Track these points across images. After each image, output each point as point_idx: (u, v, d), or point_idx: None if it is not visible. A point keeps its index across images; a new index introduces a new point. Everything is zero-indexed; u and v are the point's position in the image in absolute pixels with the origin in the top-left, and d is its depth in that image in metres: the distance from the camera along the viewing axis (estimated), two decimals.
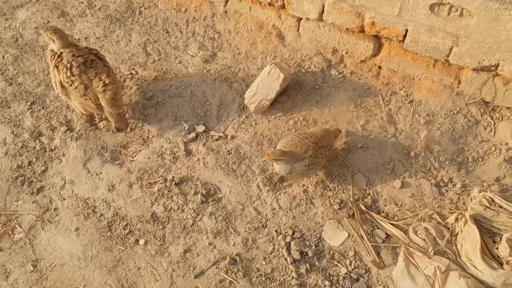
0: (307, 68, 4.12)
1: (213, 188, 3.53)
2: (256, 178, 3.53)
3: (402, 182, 3.41)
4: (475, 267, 2.89)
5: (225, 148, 3.71)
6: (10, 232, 3.38)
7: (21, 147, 3.82)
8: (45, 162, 3.73)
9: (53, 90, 3.86)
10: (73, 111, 3.93)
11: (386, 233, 3.20)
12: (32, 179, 3.65)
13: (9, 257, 3.28)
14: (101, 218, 3.42)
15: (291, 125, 3.78)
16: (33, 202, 3.53)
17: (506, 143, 3.54)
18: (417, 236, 3.09)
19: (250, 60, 4.26)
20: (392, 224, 3.21)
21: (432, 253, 2.99)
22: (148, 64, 4.30)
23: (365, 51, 4.00)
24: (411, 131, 3.67)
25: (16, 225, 3.42)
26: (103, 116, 3.84)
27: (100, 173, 3.65)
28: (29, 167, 3.71)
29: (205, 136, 3.81)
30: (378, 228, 3.24)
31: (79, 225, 3.39)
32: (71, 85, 3.57)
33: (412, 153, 3.54)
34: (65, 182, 3.62)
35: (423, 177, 3.43)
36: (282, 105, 3.91)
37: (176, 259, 3.20)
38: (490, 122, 3.67)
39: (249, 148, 3.69)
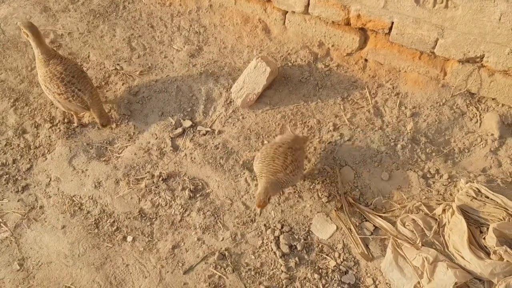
0: (293, 62, 4.11)
1: (201, 183, 3.51)
2: (244, 173, 3.52)
3: (390, 174, 3.42)
4: (462, 257, 2.91)
5: (213, 143, 3.69)
6: None
7: (5, 144, 3.76)
8: (29, 159, 3.68)
9: (37, 86, 3.81)
10: (57, 108, 3.88)
11: (374, 225, 3.21)
12: (16, 177, 3.60)
13: None
14: (88, 216, 3.38)
15: (278, 119, 3.77)
16: (18, 201, 3.48)
17: (492, 134, 3.57)
18: (405, 227, 3.10)
19: (236, 54, 4.23)
20: (380, 216, 3.22)
21: (420, 244, 3.01)
22: (133, 59, 4.26)
23: (351, 44, 4.00)
24: (398, 124, 3.68)
25: (1, 224, 3.37)
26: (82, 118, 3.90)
27: (86, 170, 3.61)
28: (14, 165, 3.66)
29: (192, 131, 3.78)
30: (366, 220, 3.25)
31: (66, 223, 3.35)
32: (59, 94, 3.60)
33: (399, 145, 3.55)
34: (51, 179, 3.57)
35: (410, 169, 3.44)
36: (269, 99, 3.90)
37: (164, 255, 3.18)
38: (475, 113, 3.69)
39: (237, 143, 3.68)
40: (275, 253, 3.14)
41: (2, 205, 3.46)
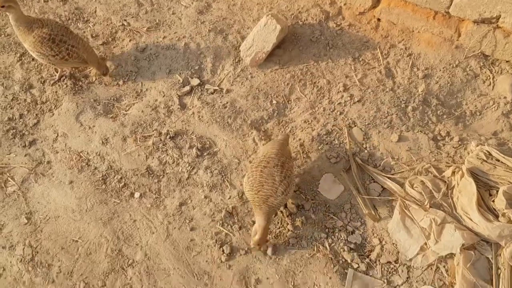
0: (304, 20, 4.01)
1: (208, 142, 3.49)
2: (252, 132, 3.49)
3: (399, 136, 3.38)
4: (470, 219, 2.90)
5: (220, 102, 3.65)
6: (3, 185, 3.35)
7: (12, 99, 3.74)
8: (36, 115, 3.66)
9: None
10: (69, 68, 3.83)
11: (382, 187, 3.19)
12: (24, 132, 3.58)
13: (2, 210, 3.25)
14: (95, 172, 3.38)
15: (287, 78, 3.71)
16: (25, 155, 3.48)
17: (505, 97, 3.50)
18: (413, 189, 3.08)
19: (245, 12, 4.14)
20: (389, 178, 3.19)
21: (428, 206, 2.99)
22: (140, 15, 4.17)
23: (364, 3, 3.89)
24: (409, 85, 3.62)
25: (9, 178, 3.37)
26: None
27: (93, 126, 3.58)
28: (21, 120, 3.64)
29: (199, 90, 3.74)
30: (374, 181, 3.23)
31: (73, 178, 3.35)
32: (54, 56, 3.53)
33: (409, 107, 3.49)
34: (58, 135, 3.56)
35: (421, 131, 3.40)
36: (279, 58, 3.83)
37: (171, 212, 3.18)
38: (489, 76, 3.61)
39: (245, 102, 3.63)
40: (282, 212, 3.14)
41: (10, 160, 3.46)
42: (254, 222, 3.09)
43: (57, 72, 3.79)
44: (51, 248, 3.09)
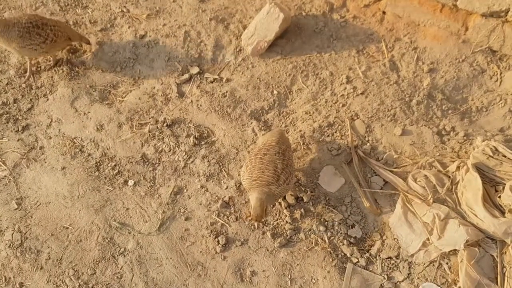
0: (308, 11, 3.92)
1: (206, 131, 3.39)
2: (252, 123, 3.39)
3: (403, 129, 3.28)
4: (475, 215, 2.80)
5: (220, 91, 3.56)
6: None
7: (6, 84, 3.65)
8: (31, 99, 3.57)
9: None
10: (60, 50, 3.75)
11: (384, 180, 3.09)
12: (17, 116, 3.49)
13: None
14: (88, 158, 3.28)
15: (289, 69, 3.61)
16: (18, 140, 3.38)
17: None
18: (416, 183, 2.98)
19: (248, 1, 4.05)
20: (391, 171, 3.09)
21: (431, 201, 2.89)
22: (140, 2, 4.08)
23: None
24: (414, 79, 3.52)
25: (0, 163, 3.27)
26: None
27: (88, 112, 3.49)
28: (14, 104, 3.55)
29: (199, 78, 3.64)
30: (376, 175, 3.12)
31: (66, 164, 3.25)
32: (44, 42, 3.44)
33: (414, 101, 3.40)
34: (52, 120, 3.46)
35: (425, 125, 3.30)
36: (281, 49, 3.73)
37: (166, 201, 3.08)
38: (496, 72, 3.52)
39: (245, 92, 3.54)
40: (280, 203, 3.03)
41: (2, 144, 3.36)
42: (250, 213, 2.99)
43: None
44: (40, 234, 2.98)
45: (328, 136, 3.30)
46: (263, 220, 2.86)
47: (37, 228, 3.01)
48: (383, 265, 2.80)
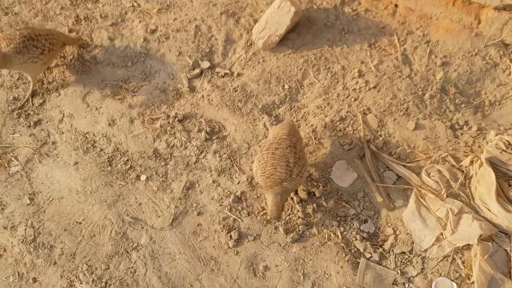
0: (319, 5, 3.90)
1: (217, 126, 3.39)
2: (263, 117, 3.38)
3: (416, 123, 3.26)
4: (489, 210, 2.78)
5: (231, 86, 3.55)
6: (6, 165, 3.27)
7: (18, 78, 3.66)
8: (42, 94, 3.58)
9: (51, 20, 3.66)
10: (72, 46, 3.75)
11: (397, 175, 3.08)
12: (29, 112, 3.50)
13: (5, 190, 3.18)
14: (101, 153, 3.29)
15: (301, 63, 3.60)
16: (30, 135, 3.39)
17: None
18: (429, 178, 2.96)
19: None
20: (404, 166, 3.07)
21: (445, 195, 2.87)
22: None
23: None
24: (427, 72, 3.49)
25: (12, 158, 3.29)
26: None
27: (100, 107, 3.49)
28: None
29: (210, 73, 3.64)
30: (389, 169, 3.11)
31: (78, 160, 3.26)
32: (47, 50, 3.43)
33: (427, 95, 3.37)
34: (64, 115, 3.47)
35: (438, 119, 3.28)
36: (292, 42, 3.71)
37: (178, 196, 3.09)
38: (509, 65, 3.48)
39: (256, 86, 3.53)
40: (292, 198, 3.03)
41: (14, 139, 3.38)
42: (263, 208, 3.00)
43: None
44: (53, 230, 3.00)
45: (340, 130, 3.29)
46: (281, 218, 2.89)
47: (50, 223, 3.03)
48: (396, 260, 2.79)
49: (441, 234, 2.79)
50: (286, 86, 3.51)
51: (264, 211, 2.99)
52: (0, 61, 3.23)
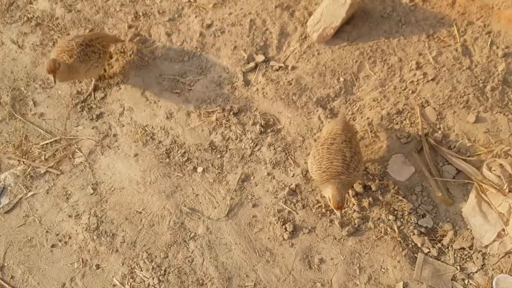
0: None
1: (272, 119, 3.41)
2: (318, 110, 3.37)
3: (477, 116, 3.16)
4: None
5: (285, 79, 3.56)
6: (71, 156, 3.42)
7: None
8: (104, 89, 3.71)
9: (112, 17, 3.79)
10: (130, 40, 3.87)
11: (456, 169, 3.00)
12: (91, 105, 3.64)
13: (69, 180, 3.32)
14: (159, 145, 3.38)
15: (356, 55, 3.56)
16: (92, 128, 3.53)
17: None
18: (491, 172, 2.87)
19: None
20: (464, 160, 2.99)
21: (507, 190, 2.78)
22: None
23: None
24: (488, 64, 3.38)
25: (76, 150, 3.44)
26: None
27: (158, 101, 3.59)
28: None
29: (264, 66, 3.66)
30: (448, 163, 3.04)
31: (138, 151, 3.37)
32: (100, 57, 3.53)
33: (488, 87, 3.26)
34: (124, 109, 3.59)
35: (500, 112, 3.17)
36: (347, 35, 3.68)
37: (234, 188, 3.14)
38: None
39: (311, 79, 3.52)
40: (348, 192, 3.01)
41: (78, 132, 3.52)
42: (318, 202, 3.00)
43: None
44: (115, 218, 3.12)
45: (397, 123, 3.23)
46: (345, 206, 2.81)
47: (112, 212, 3.15)
48: (455, 255, 2.74)
49: (503, 230, 2.71)
50: (341, 79, 3.48)
51: (319, 204, 2.99)
52: (67, 74, 3.33)
